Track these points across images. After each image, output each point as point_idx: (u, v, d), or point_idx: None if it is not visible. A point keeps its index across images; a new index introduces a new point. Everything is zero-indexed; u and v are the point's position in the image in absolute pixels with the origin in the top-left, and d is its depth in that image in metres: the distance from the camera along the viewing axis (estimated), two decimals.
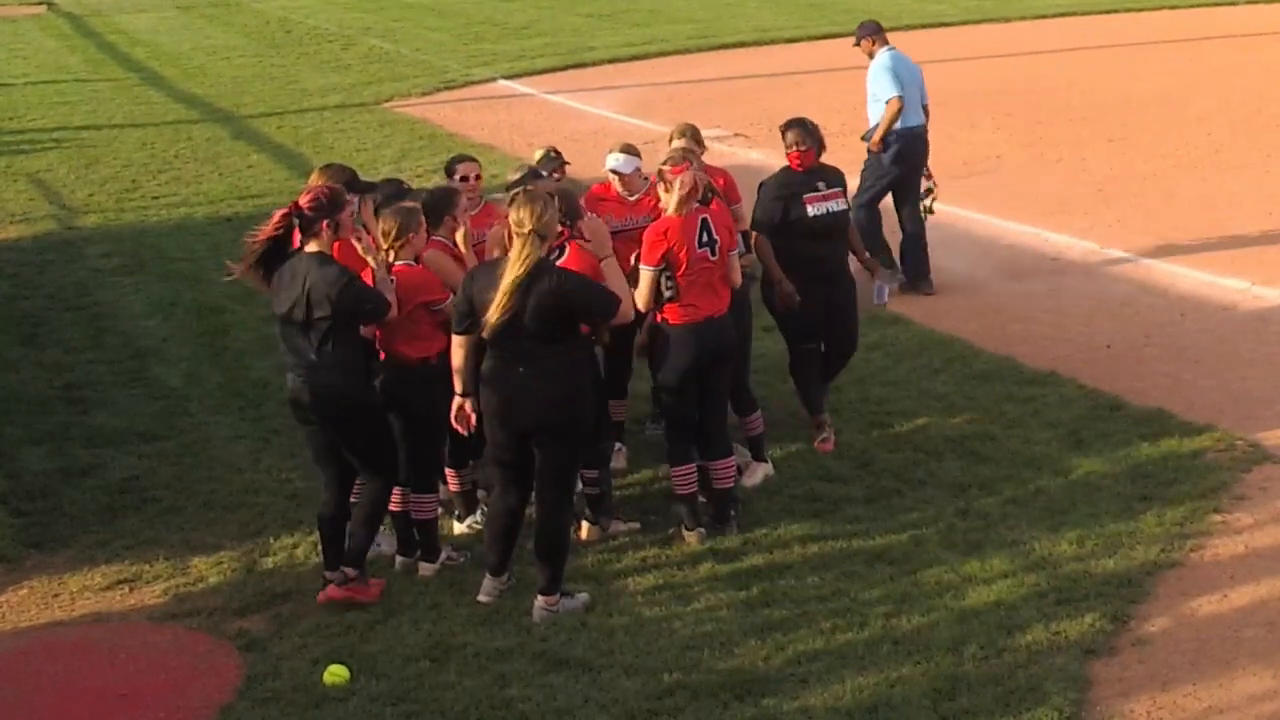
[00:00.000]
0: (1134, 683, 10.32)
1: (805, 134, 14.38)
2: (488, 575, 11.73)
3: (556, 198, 11.84)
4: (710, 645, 10.94)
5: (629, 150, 14.26)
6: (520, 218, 11.13)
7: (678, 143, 14.21)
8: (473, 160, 14.13)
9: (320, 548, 11.96)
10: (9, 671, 11.18)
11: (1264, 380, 15.64)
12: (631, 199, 13.87)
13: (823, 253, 14.05)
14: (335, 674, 10.67)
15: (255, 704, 10.50)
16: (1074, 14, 45.70)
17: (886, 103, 19.14)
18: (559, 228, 11.56)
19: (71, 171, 27.76)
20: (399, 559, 12.42)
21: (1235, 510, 12.76)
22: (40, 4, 57.37)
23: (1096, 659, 10.59)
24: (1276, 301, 18.08)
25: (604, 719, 10.06)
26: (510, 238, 11.30)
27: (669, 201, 12.54)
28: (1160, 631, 10.96)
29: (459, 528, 13.11)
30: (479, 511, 13.11)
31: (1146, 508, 12.78)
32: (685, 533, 12.62)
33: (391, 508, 12.29)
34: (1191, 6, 47.13)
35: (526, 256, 11.03)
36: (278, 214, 11.82)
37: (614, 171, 14.01)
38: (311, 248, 11.57)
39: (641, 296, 12.49)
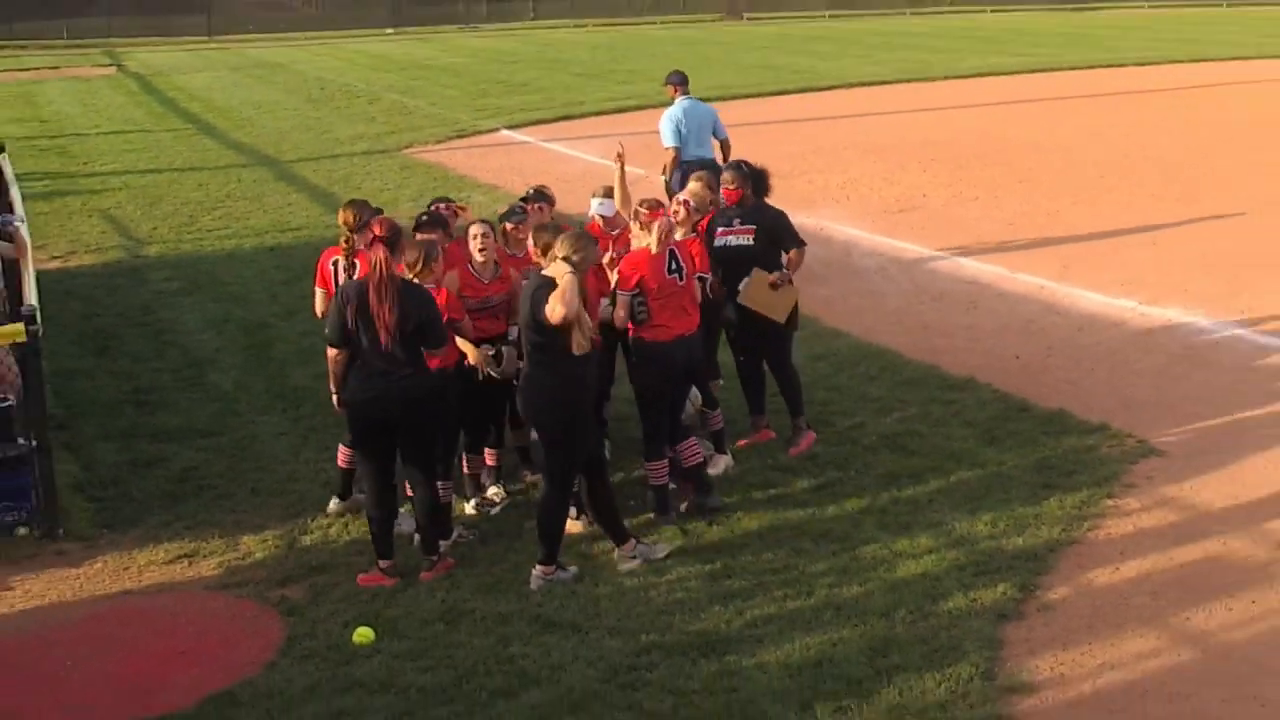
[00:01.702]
0: (1039, 642, 10.35)
1: (737, 174, 14.34)
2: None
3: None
4: (681, 611, 10.96)
5: (608, 194, 14.32)
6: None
7: (694, 185, 14.46)
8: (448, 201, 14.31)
9: (374, 539, 11.90)
10: (87, 632, 11.17)
11: (1149, 386, 15.68)
12: (614, 234, 13.87)
13: (722, 278, 13.84)
14: (363, 635, 10.67)
15: (295, 660, 10.52)
16: (989, 75, 46.00)
17: (669, 148, 20.02)
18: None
19: (137, 208, 27.70)
20: (417, 536, 12.42)
21: (1125, 496, 12.80)
22: (110, 66, 57.30)
23: (1007, 622, 10.62)
24: (1160, 318, 18.13)
25: (591, 673, 10.08)
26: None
27: (650, 242, 12.56)
28: (1061, 599, 10.99)
29: (468, 508, 13.13)
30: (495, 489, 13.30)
31: (1050, 494, 12.81)
32: (658, 517, 12.70)
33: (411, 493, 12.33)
34: (1088, 68, 47.37)
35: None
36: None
37: (599, 215, 14.05)
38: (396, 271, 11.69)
39: (619, 316, 12.52)
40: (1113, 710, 9.48)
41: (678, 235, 12.92)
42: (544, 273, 11.47)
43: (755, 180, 14.39)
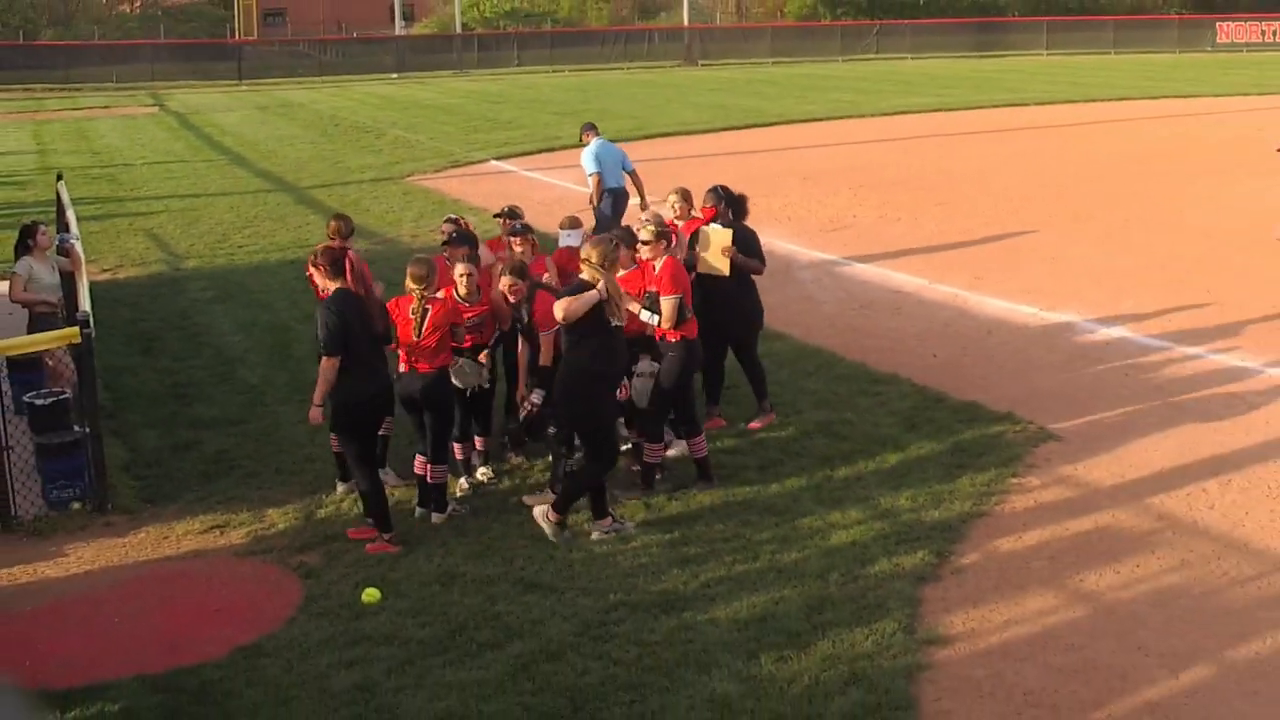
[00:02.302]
0: (953, 601, 10.36)
1: (715, 196, 14.32)
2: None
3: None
4: (644, 573, 10.93)
5: (574, 224, 14.29)
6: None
7: (672, 197, 14.70)
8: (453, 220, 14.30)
9: (376, 517, 11.90)
10: (132, 593, 11.12)
11: (1049, 380, 15.68)
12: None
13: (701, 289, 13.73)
14: (370, 595, 10.66)
15: (312, 617, 10.48)
16: (909, 113, 46.04)
17: (590, 175, 20.94)
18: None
19: (177, 228, 27.59)
20: (418, 509, 12.39)
21: (1027, 475, 12.81)
22: (154, 106, 57.13)
23: (926, 584, 10.62)
24: (1058, 321, 18.15)
25: (567, 627, 10.05)
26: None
27: (675, 250, 12.82)
28: (972, 564, 10.99)
29: (463, 485, 13.10)
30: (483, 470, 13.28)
31: (962, 473, 12.81)
32: (641, 489, 12.69)
33: (416, 471, 12.40)
34: (994, 107, 47.46)
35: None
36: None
37: (567, 246, 14.01)
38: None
39: (670, 318, 12.40)
40: (1017, 659, 9.48)
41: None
42: (581, 277, 11.52)
43: (734, 203, 14.42)
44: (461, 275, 12.65)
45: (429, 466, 12.31)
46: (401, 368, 12.16)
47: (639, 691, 9.13)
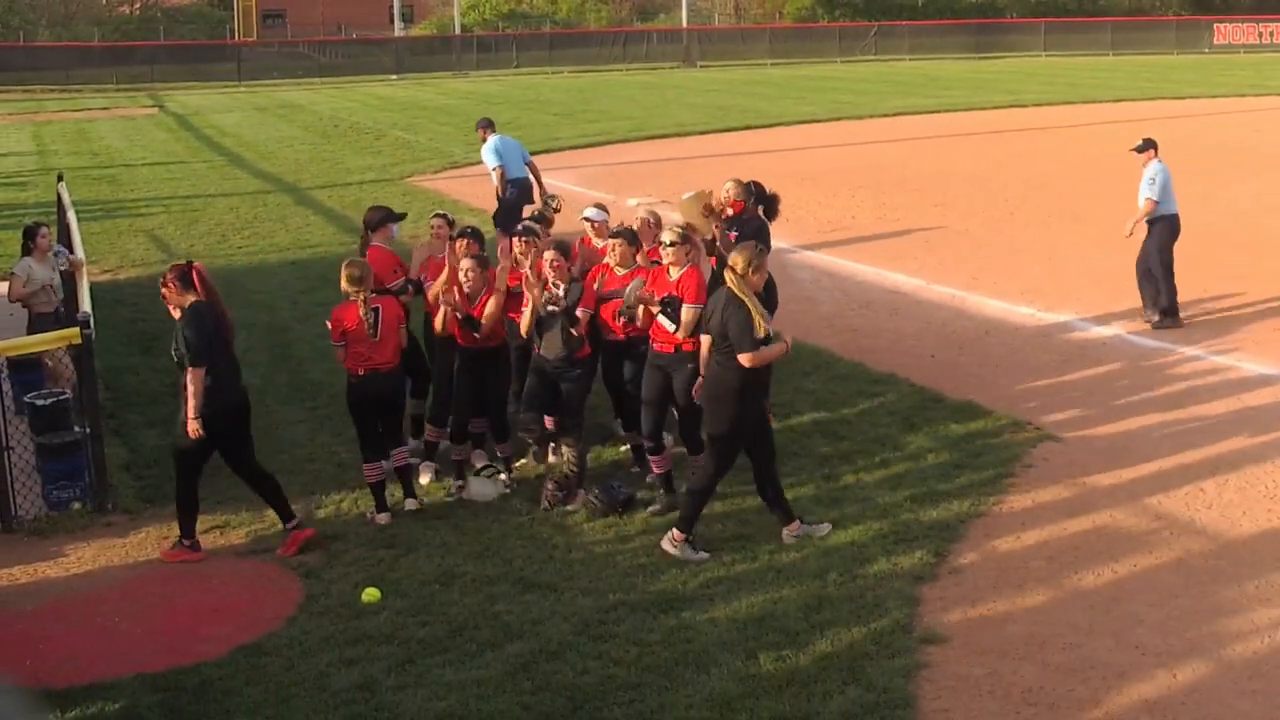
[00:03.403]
0: (951, 600, 10.36)
1: (745, 191, 14.43)
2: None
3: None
4: (643, 573, 10.94)
5: (601, 210, 14.30)
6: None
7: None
8: (442, 215, 14.49)
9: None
10: (132, 592, 11.12)
11: (1047, 380, 15.70)
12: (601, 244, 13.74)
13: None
14: (370, 594, 10.66)
15: (312, 616, 10.48)
16: (908, 114, 46.09)
17: (494, 169, 22.00)
18: None
19: (177, 228, 27.59)
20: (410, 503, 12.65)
21: (1024, 475, 12.82)
22: (154, 107, 57.15)
23: (924, 583, 10.62)
24: (1055, 322, 18.18)
25: (566, 627, 10.05)
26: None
27: (697, 258, 12.48)
28: (970, 563, 11.00)
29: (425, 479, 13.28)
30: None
31: (960, 473, 12.83)
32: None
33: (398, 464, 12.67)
34: (993, 108, 47.51)
35: None
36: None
37: (587, 219, 14.11)
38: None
39: (688, 329, 11.87)
40: (1015, 658, 9.48)
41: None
42: (727, 287, 11.08)
43: (765, 201, 14.63)
44: (467, 270, 12.66)
45: (399, 454, 12.66)
46: (359, 371, 12.16)
47: (638, 691, 9.13)
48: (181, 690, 9.43)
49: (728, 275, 11.05)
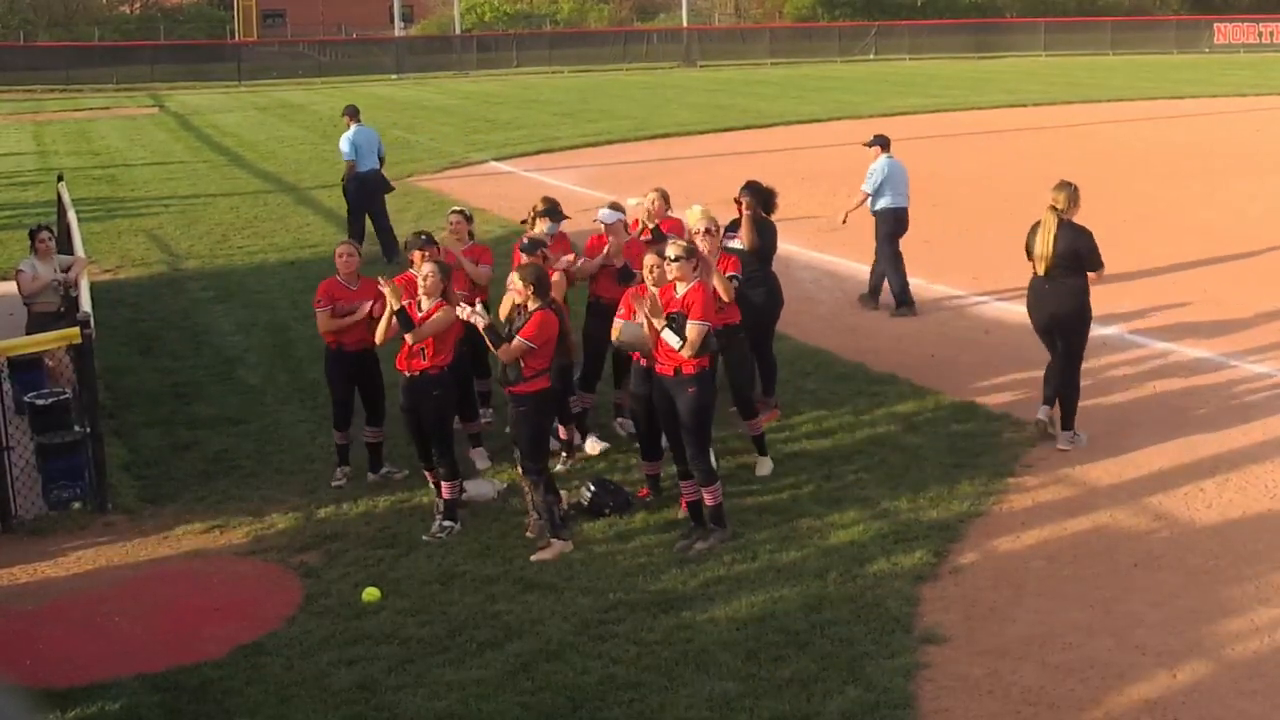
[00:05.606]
0: (950, 600, 10.36)
1: (748, 192, 14.47)
2: None
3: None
4: (643, 573, 10.94)
5: (616, 208, 14.23)
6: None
7: (651, 195, 14.78)
8: (459, 211, 14.61)
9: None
10: (132, 592, 11.13)
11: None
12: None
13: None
14: (370, 594, 10.67)
15: (312, 615, 10.48)
16: (907, 113, 46.04)
17: (347, 161, 23.89)
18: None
19: (177, 228, 27.59)
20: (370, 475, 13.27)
21: (1023, 475, 12.82)
22: (154, 106, 57.14)
23: (924, 583, 10.62)
24: None
25: (566, 626, 10.06)
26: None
27: (704, 273, 11.72)
28: (970, 563, 11.00)
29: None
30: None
31: (960, 473, 12.82)
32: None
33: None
34: (992, 108, 47.50)
35: None
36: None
37: (601, 221, 14.00)
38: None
39: (694, 347, 11.18)
40: (1015, 658, 9.48)
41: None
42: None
43: (762, 197, 14.60)
44: (426, 275, 12.16)
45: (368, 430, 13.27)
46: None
47: (638, 690, 9.13)
48: (181, 690, 9.44)
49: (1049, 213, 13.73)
